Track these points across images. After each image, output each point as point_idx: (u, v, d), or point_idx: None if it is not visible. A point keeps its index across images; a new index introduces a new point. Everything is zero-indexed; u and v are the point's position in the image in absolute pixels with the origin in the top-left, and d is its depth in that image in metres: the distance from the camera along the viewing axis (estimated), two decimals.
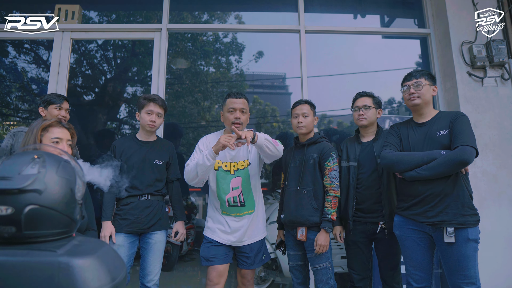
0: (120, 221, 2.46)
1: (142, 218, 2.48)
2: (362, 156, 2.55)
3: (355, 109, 2.60)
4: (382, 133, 2.57)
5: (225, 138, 2.15)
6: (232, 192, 2.40)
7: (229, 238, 2.38)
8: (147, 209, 2.51)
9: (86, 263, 0.79)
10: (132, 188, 2.50)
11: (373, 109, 2.57)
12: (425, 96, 2.23)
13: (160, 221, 2.56)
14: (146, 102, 2.58)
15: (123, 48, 4.93)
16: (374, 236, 2.45)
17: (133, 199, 2.50)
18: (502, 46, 3.37)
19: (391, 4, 4.27)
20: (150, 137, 2.67)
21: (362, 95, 2.63)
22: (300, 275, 2.51)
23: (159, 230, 2.56)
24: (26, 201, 0.81)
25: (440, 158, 2.03)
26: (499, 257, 3.07)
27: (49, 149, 1.04)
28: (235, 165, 2.43)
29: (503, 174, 3.24)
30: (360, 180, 2.50)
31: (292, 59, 3.83)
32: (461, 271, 2.00)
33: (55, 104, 2.54)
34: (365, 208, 2.47)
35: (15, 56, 4.46)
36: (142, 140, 2.64)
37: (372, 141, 2.56)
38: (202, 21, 4.60)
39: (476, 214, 2.05)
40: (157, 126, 2.62)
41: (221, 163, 2.42)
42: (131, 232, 2.48)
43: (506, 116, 3.33)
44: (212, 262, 2.34)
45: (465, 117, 2.15)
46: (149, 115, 2.56)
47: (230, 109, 2.40)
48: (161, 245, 2.58)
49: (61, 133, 1.75)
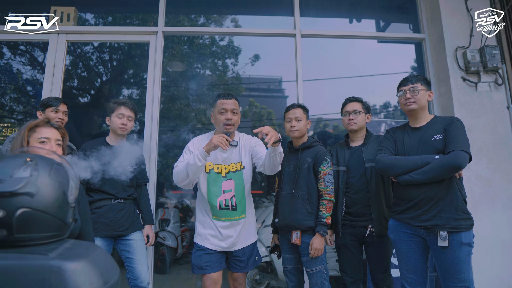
0: (95, 225, 2.40)
1: (116, 221, 2.48)
2: (351, 161, 2.57)
3: (345, 114, 2.63)
4: (371, 138, 2.60)
5: (218, 138, 2.12)
6: (224, 195, 2.35)
7: (221, 244, 2.35)
8: (120, 212, 2.51)
9: (78, 267, 0.78)
10: (103, 192, 2.49)
11: (363, 114, 2.60)
12: (421, 101, 2.24)
13: (134, 222, 2.58)
14: (116, 106, 2.62)
15: (119, 51, 4.92)
16: (364, 239, 2.46)
17: (106, 202, 2.50)
18: (495, 52, 3.40)
19: (387, 9, 4.30)
20: (120, 141, 2.65)
21: (351, 100, 2.65)
22: (294, 278, 2.50)
23: (135, 231, 2.58)
24: (18, 204, 0.81)
25: (433, 163, 2.04)
26: (493, 261, 3.08)
27: (37, 150, 1.03)
28: (227, 168, 2.40)
29: (497, 178, 3.26)
30: (349, 184, 2.52)
31: (288, 63, 3.83)
32: (455, 275, 2.01)
33: (52, 106, 2.54)
34: (354, 211, 2.48)
35: (10, 58, 4.44)
36: (112, 145, 2.61)
37: (361, 145, 2.58)
38: (199, 24, 4.60)
39: (469, 218, 2.06)
40: (128, 130, 2.64)
41: (212, 165, 2.38)
42: (107, 236, 2.46)
43: (500, 121, 3.36)
44: (205, 270, 2.31)
45: (459, 122, 2.16)
46: (120, 119, 2.59)
47: (221, 110, 2.36)
48: (142, 243, 2.59)
49: (49, 132, 1.71)
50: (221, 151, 2.35)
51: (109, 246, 2.52)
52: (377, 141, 2.56)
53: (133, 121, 2.68)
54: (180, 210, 4.97)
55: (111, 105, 2.64)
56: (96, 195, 2.49)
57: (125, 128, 2.60)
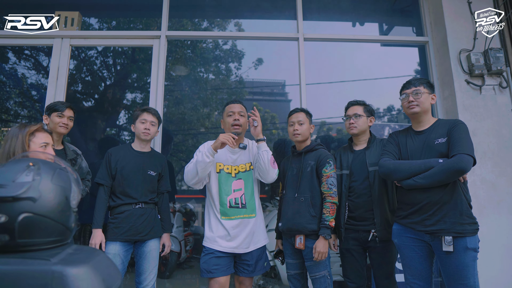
0: (115, 230, 2.47)
1: (137, 226, 2.50)
2: (354, 165, 2.55)
3: (347, 117, 2.61)
4: (375, 141, 2.58)
5: (224, 135, 2.29)
6: (234, 193, 2.45)
7: (230, 244, 2.37)
8: (141, 217, 2.53)
9: (80, 272, 0.78)
10: (126, 196, 2.54)
11: (364, 117, 2.57)
12: (424, 105, 2.22)
13: (154, 228, 2.59)
14: (139, 112, 2.67)
15: (123, 55, 4.94)
16: (367, 244, 2.44)
17: (127, 207, 2.52)
18: (500, 55, 3.38)
19: (390, 13, 4.30)
20: (145, 148, 2.71)
21: (353, 104, 2.63)
22: (298, 283, 2.49)
23: (154, 238, 2.59)
24: (20, 209, 0.81)
25: (437, 167, 2.02)
26: (498, 265, 3.05)
27: (40, 155, 1.04)
28: (236, 168, 2.49)
29: (502, 182, 3.23)
30: (352, 188, 2.50)
31: (291, 67, 3.84)
32: (460, 280, 1.98)
33: (57, 111, 2.55)
34: (357, 216, 2.46)
35: (15, 62, 4.48)
36: (137, 150, 2.68)
37: (364, 149, 2.56)
38: (202, 28, 4.62)
39: (474, 223, 2.03)
40: (151, 135, 2.67)
41: (222, 166, 2.48)
42: (127, 240, 2.48)
43: (505, 124, 3.34)
44: (213, 274, 2.32)
45: (463, 125, 2.13)
46: (143, 124, 2.63)
47: (229, 113, 2.52)
48: (155, 252, 2.60)
49: (47, 137, 1.81)
50: (231, 152, 2.50)
51: (128, 252, 2.53)
52: (381, 144, 2.54)
53: (157, 126, 2.72)
54: (184, 215, 4.98)
55: (135, 113, 2.70)
56: (118, 200, 2.54)
57: (148, 133, 2.64)
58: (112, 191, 2.57)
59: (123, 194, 2.54)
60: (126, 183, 2.54)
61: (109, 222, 2.52)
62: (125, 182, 2.54)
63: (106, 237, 2.48)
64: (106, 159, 2.60)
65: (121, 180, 2.54)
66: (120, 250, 2.45)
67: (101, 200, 2.51)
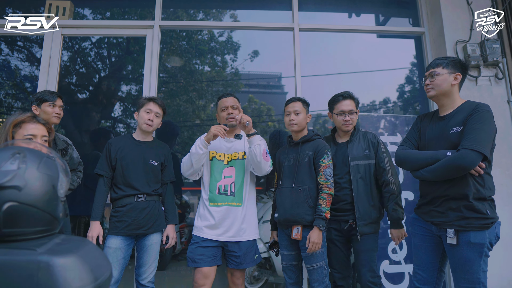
0: (117, 224, 2.44)
1: (139, 220, 2.46)
2: (336, 158, 2.54)
3: (340, 113, 2.54)
4: (358, 134, 2.57)
5: (216, 127, 2.33)
6: (224, 180, 2.48)
7: (216, 232, 2.39)
8: (144, 211, 2.48)
9: (67, 262, 0.77)
10: (127, 187, 2.49)
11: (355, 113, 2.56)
12: (440, 87, 2.05)
13: (156, 222, 2.54)
14: (146, 101, 2.59)
15: (118, 46, 4.88)
16: (349, 234, 2.45)
17: (130, 200, 2.48)
18: (496, 46, 3.37)
19: (386, 3, 4.27)
20: (147, 138, 2.65)
21: (345, 97, 2.57)
22: (293, 275, 2.48)
23: (156, 232, 2.56)
24: (5, 198, 0.79)
25: (440, 161, 1.92)
26: (494, 258, 3.05)
27: (22, 144, 1.01)
28: (229, 156, 2.52)
29: (496, 173, 3.17)
30: (334, 181, 2.45)
31: (287, 59, 3.81)
32: (463, 274, 1.93)
33: (48, 101, 2.49)
34: (338, 208, 2.46)
35: (8, 54, 4.41)
36: (138, 140, 2.62)
37: (347, 142, 2.56)
38: (197, 19, 4.56)
39: (484, 218, 1.89)
40: (154, 127, 2.60)
41: (215, 153, 2.52)
42: (129, 234, 2.45)
43: (500, 115, 3.33)
44: (197, 264, 2.35)
45: (483, 112, 1.92)
46: (147, 114, 2.55)
47: (223, 108, 2.58)
48: (156, 246, 2.58)
49: (35, 129, 1.71)
50: (227, 141, 2.54)
51: (130, 246, 2.50)
52: (365, 138, 2.53)
53: (161, 118, 2.64)
54: (179, 207, 4.96)
55: (141, 101, 2.61)
56: (120, 192, 2.49)
57: (151, 124, 2.56)
58: (113, 182, 2.53)
59: (125, 184, 2.49)
60: (126, 173, 2.49)
61: (111, 215, 2.48)
62: (125, 172, 2.49)
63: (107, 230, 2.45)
64: (106, 149, 2.55)
65: (121, 171, 2.50)
66: (122, 244, 2.42)
67: (101, 192, 2.48)
